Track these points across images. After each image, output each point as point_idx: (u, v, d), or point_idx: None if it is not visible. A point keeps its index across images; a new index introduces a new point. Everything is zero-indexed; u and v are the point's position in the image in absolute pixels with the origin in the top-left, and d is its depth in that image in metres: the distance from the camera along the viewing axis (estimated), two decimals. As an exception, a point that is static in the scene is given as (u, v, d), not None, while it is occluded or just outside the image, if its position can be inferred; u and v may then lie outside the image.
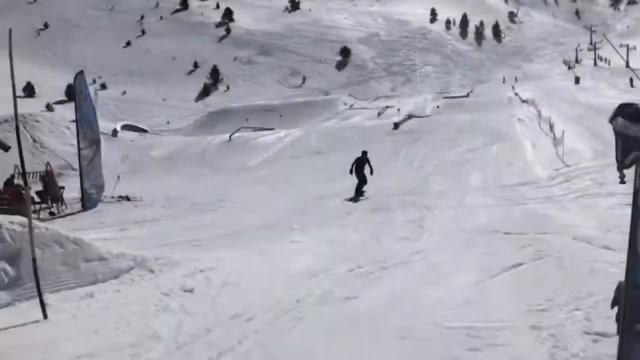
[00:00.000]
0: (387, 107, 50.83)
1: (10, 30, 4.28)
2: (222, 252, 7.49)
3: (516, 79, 71.82)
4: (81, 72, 22.19)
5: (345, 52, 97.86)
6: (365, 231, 9.27)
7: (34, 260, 4.35)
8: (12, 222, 4.90)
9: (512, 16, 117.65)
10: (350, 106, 54.81)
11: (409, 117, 32.29)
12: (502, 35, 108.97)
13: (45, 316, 4.21)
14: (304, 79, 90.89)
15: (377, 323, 4.10)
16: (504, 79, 75.35)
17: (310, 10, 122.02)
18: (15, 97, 4.78)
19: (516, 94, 44.88)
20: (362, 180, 14.82)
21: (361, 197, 13.88)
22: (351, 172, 14.91)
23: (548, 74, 71.59)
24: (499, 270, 5.57)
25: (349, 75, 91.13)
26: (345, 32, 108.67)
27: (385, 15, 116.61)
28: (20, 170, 21.20)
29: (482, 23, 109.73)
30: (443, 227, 9.03)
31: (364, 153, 15.59)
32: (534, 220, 8.70)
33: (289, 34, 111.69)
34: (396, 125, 28.53)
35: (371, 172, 15.03)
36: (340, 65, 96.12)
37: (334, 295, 4.87)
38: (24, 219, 5.14)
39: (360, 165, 15.15)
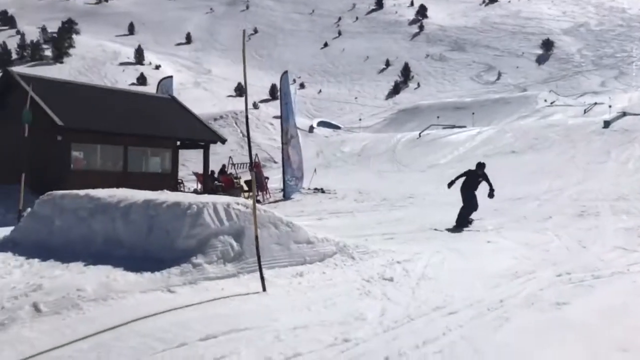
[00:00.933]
0: (595, 103, 46.24)
1: (244, 31, 4.79)
2: (416, 246, 7.54)
3: None
4: (286, 72, 24.08)
5: (547, 44, 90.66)
6: (568, 237, 8.55)
7: (257, 237, 4.86)
8: (237, 203, 5.52)
9: None
10: (551, 103, 50.83)
11: (623, 114, 28.83)
12: None
13: (264, 288, 4.68)
14: (499, 74, 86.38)
15: (592, 332, 3.77)
16: None
17: (509, 1, 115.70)
18: (246, 97, 5.35)
19: None
20: (470, 205, 10.64)
21: (465, 228, 10.07)
22: (450, 185, 10.87)
23: None
24: None
25: (551, 70, 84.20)
26: (547, 22, 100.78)
27: (596, 2, 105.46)
28: (233, 161, 23.62)
29: None
30: (668, 239, 7.92)
31: (481, 166, 10.96)
32: None
33: (485, 28, 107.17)
34: (607, 124, 25.70)
35: (490, 194, 10.63)
36: (541, 59, 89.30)
37: (541, 299, 4.59)
38: (247, 201, 5.77)
39: (471, 182, 10.85)
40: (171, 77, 26.86)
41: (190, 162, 28.51)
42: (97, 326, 3.69)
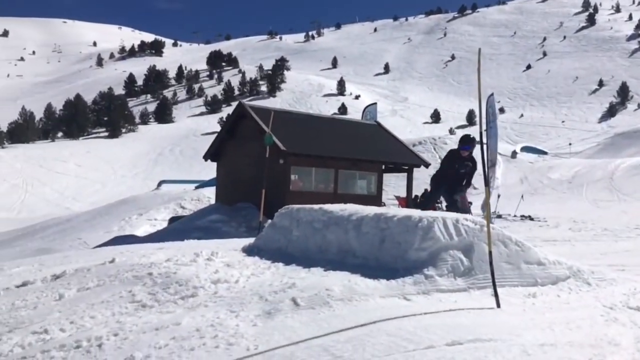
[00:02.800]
0: None
1: (479, 50, 4.88)
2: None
3: None
4: (491, 95, 23.49)
5: None
6: None
7: (490, 253, 4.86)
8: (466, 219, 5.58)
9: None
10: None
11: None
12: None
13: (498, 305, 4.64)
14: None
15: None
16: None
17: None
18: (480, 124, 5.42)
19: None
20: (454, 207, 7.93)
21: None
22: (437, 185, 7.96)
23: None
24: None
25: None
26: None
27: None
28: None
29: None
30: None
31: (467, 141, 8.17)
32: None
33: None
34: None
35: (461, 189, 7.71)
36: None
37: None
38: (476, 217, 5.80)
39: (450, 172, 8.14)
40: (375, 104, 28.04)
41: (389, 186, 29.26)
42: (347, 322, 4.03)
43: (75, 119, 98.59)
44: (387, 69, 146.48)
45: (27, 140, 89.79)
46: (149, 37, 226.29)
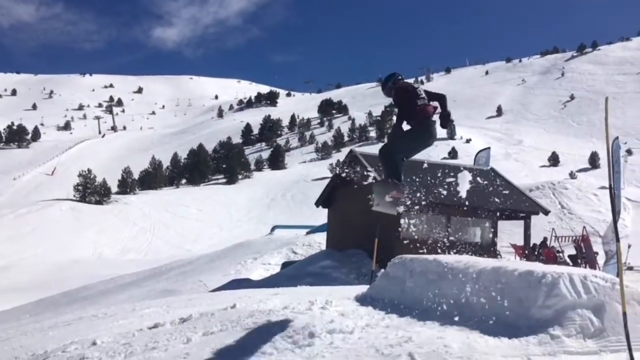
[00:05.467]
0: None
1: (606, 99, 4.67)
2: None
3: None
4: (616, 138, 21.93)
5: None
6: None
7: (624, 314, 4.49)
8: (595, 276, 5.22)
9: None
10: None
11: None
12: None
13: (636, 371, 4.25)
14: None
15: None
16: None
17: None
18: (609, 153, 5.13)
19: None
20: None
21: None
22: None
23: None
24: None
25: None
26: None
27: None
28: (556, 234, 22.25)
29: None
30: None
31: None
32: None
33: None
34: None
35: (443, 121, 5.98)
36: None
37: None
38: (605, 274, 5.40)
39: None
40: (488, 148, 27.23)
41: (503, 233, 27.88)
42: (467, 382, 3.90)
43: (198, 167, 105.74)
44: (499, 112, 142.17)
45: (155, 187, 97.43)
46: (264, 89, 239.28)
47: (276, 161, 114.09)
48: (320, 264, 17.80)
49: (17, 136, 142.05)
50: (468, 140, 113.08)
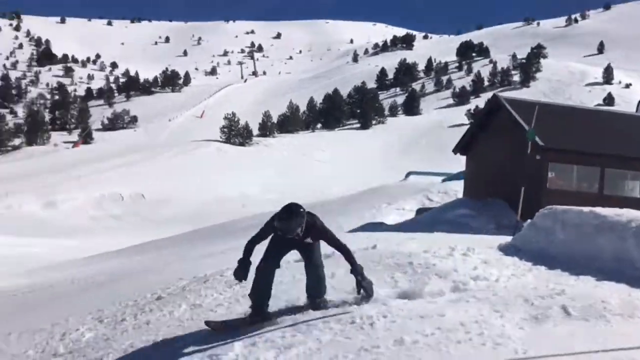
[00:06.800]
0: None
1: None
2: None
3: None
4: None
5: None
6: None
7: None
8: None
9: None
10: None
11: None
12: None
13: None
14: None
15: None
16: None
17: None
18: None
19: None
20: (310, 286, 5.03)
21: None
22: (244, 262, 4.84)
23: None
24: None
25: None
26: None
27: None
28: None
29: None
30: None
31: (301, 215, 5.01)
32: None
33: None
34: None
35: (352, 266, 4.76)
36: None
37: None
38: None
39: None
40: (654, 94, 24.22)
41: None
42: (629, 341, 3.64)
43: (332, 112, 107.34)
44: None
45: (292, 130, 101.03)
46: (400, 32, 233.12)
47: (411, 107, 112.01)
48: (457, 212, 17.41)
49: (171, 81, 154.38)
50: (628, 85, 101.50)
